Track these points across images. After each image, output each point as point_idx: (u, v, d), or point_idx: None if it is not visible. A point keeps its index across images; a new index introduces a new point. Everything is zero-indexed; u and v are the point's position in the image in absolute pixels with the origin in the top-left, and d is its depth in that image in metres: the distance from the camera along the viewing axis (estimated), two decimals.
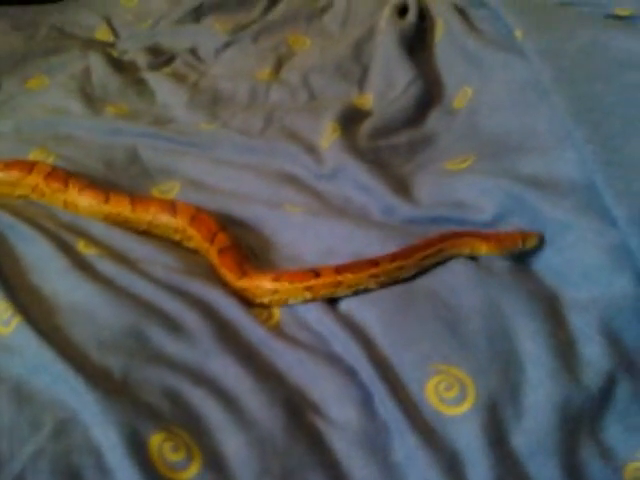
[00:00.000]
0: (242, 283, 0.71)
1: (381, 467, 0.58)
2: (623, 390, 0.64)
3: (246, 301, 0.70)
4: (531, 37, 0.95)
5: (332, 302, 0.70)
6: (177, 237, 0.79)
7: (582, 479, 0.61)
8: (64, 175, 0.82)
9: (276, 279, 0.70)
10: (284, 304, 0.70)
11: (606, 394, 0.64)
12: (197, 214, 0.78)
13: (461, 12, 1.14)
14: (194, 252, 0.78)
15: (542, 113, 0.86)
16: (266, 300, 0.70)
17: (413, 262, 0.72)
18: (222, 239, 0.75)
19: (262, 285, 0.70)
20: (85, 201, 0.80)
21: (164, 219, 0.78)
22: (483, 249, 0.73)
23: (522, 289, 0.70)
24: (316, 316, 0.67)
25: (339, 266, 0.71)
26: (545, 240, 0.74)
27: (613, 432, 0.63)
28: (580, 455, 0.61)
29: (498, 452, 0.59)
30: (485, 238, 0.74)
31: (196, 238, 0.77)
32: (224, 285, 0.71)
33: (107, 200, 0.79)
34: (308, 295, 0.70)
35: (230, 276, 0.72)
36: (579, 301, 0.70)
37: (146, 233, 0.79)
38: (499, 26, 1.04)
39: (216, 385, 0.60)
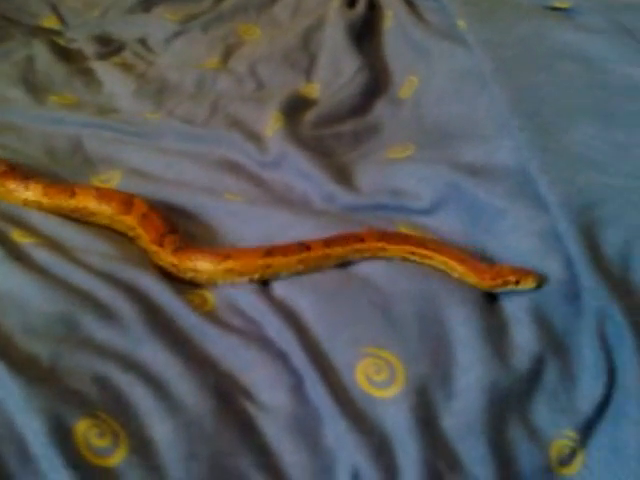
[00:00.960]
0: (226, 265, 0.70)
1: (311, 451, 0.59)
2: (551, 372, 0.66)
3: (188, 283, 0.71)
4: (473, 27, 0.96)
5: (266, 288, 0.70)
6: (131, 234, 0.77)
7: (510, 458, 0.63)
8: (22, 175, 0.80)
9: (269, 254, 0.70)
10: (273, 278, 0.71)
11: (535, 376, 0.65)
12: (148, 212, 0.76)
13: (409, 3, 1.15)
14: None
15: (483, 102, 0.88)
16: (256, 276, 0.70)
17: (396, 250, 0.73)
18: (173, 240, 0.74)
19: (253, 262, 0.70)
20: (51, 199, 0.77)
21: (120, 215, 0.77)
22: (471, 280, 0.70)
23: None
24: (250, 301, 0.67)
25: (328, 240, 0.72)
26: (482, 227, 0.75)
27: (540, 412, 0.65)
28: (508, 435, 0.63)
29: (428, 434, 0.60)
30: (478, 271, 0.70)
31: (144, 239, 0.75)
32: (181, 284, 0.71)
33: (73, 195, 0.78)
34: (301, 267, 0.70)
35: (204, 264, 0.71)
36: None
37: (108, 228, 0.78)
38: (445, 16, 1.06)
39: (146, 371, 0.60)
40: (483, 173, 0.78)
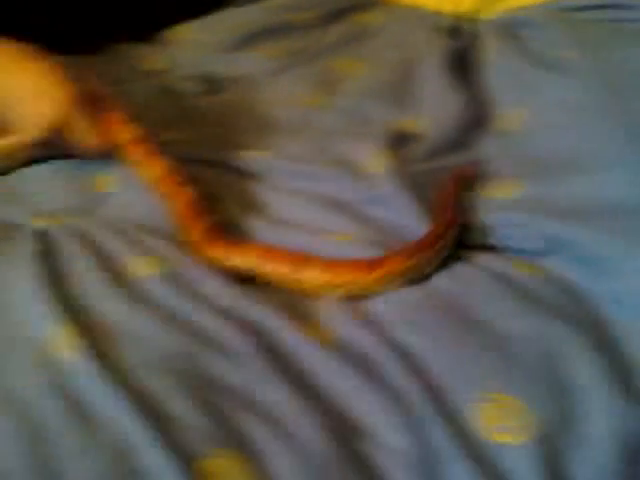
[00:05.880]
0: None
1: None
2: None
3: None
4: (584, 58, 0.94)
5: (379, 324, 0.70)
6: None
7: None
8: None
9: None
10: None
11: None
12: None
13: (510, 33, 1.14)
14: None
15: (596, 134, 0.86)
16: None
17: None
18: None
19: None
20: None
21: None
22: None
23: (572, 315, 0.69)
24: (369, 341, 0.67)
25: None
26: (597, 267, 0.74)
27: None
28: None
29: None
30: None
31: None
32: None
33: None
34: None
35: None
36: (636, 328, 0.69)
37: None
38: (550, 46, 1.04)
39: (266, 410, 0.61)
40: (592, 214, 0.76)
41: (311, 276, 0.75)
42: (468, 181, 0.90)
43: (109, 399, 0.59)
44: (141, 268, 0.74)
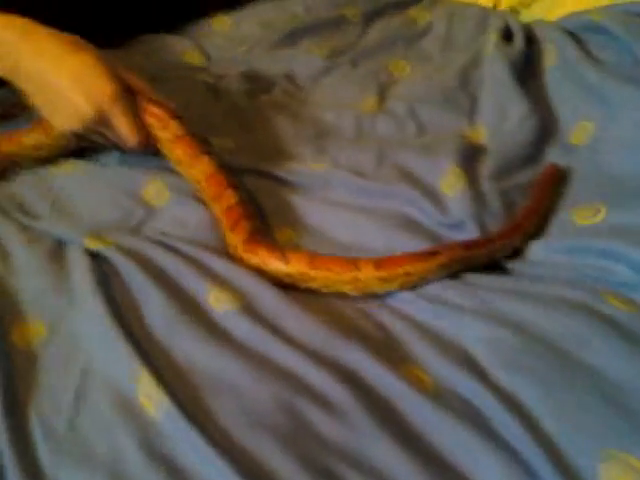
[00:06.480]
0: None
1: None
2: None
3: None
4: None
5: (484, 372, 0.65)
6: None
7: None
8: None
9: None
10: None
11: None
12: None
13: (574, 37, 1.08)
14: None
15: None
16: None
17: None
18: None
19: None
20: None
21: None
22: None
23: None
24: (470, 386, 0.63)
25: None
26: None
27: None
28: None
29: None
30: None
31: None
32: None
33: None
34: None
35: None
36: None
37: None
38: (623, 55, 0.99)
39: (374, 468, 0.56)
40: None
41: (367, 272, 0.72)
42: (556, 182, 0.90)
43: (205, 461, 0.54)
44: (214, 300, 0.69)
